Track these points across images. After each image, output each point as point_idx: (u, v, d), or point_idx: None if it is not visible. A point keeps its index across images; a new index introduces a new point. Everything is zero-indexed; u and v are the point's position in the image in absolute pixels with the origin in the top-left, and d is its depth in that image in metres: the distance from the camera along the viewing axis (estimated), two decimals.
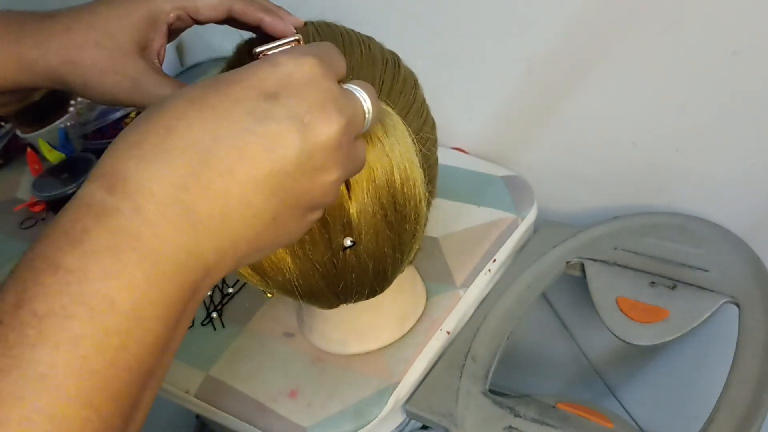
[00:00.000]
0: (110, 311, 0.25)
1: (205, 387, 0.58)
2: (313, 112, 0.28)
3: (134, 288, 0.25)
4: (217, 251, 0.28)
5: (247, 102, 0.27)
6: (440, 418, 0.54)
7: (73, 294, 0.24)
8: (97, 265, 0.25)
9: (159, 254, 0.26)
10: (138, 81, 0.41)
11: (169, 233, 0.26)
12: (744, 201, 0.64)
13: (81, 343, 0.24)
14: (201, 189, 0.26)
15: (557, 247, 0.67)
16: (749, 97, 0.58)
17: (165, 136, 0.27)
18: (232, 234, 0.28)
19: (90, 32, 0.41)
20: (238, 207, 0.27)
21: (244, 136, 0.27)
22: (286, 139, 0.28)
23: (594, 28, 0.62)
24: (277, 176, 0.28)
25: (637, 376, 0.82)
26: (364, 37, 0.48)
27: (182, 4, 0.43)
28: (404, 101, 0.46)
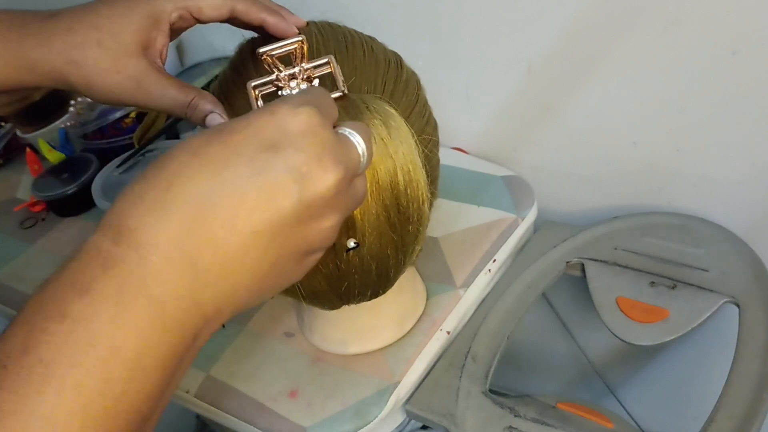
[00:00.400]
0: (114, 359, 0.25)
1: (205, 387, 0.58)
2: (311, 163, 0.29)
3: (138, 336, 0.26)
4: (218, 299, 0.29)
5: (246, 152, 0.28)
6: (440, 418, 0.54)
7: (79, 343, 0.25)
8: (104, 313, 0.26)
9: (163, 304, 0.27)
10: (141, 81, 0.41)
11: (173, 283, 0.27)
12: (744, 201, 0.64)
13: (84, 390, 0.25)
14: (202, 239, 0.27)
15: (557, 247, 0.67)
16: (749, 97, 0.58)
17: (167, 189, 0.27)
18: (232, 282, 0.29)
19: (92, 32, 0.41)
20: (238, 256, 0.28)
21: (243, 187, 0.28)
22: (284, 189, 0.28)
23: (594, 28, 0.62)
24: (275, 225, 0.28)
25: (637, 376, 0.82)
26: (366, 38, 0.48)
27: (185, 3, 0.43)
28: (407, 102, 0.46)
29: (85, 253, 0.27)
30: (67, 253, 0.28)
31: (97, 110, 0.86)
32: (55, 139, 0.88)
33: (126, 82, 0.41)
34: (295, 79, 0.39)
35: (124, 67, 0.41)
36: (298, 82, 0.39)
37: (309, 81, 0.39)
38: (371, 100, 0.39)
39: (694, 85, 0.60)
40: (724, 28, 0.56)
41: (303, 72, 0.39)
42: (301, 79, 0.39)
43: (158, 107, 0.42)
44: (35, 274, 0.74)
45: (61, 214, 0.82)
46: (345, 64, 0.44)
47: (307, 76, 0.39)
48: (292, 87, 0.39)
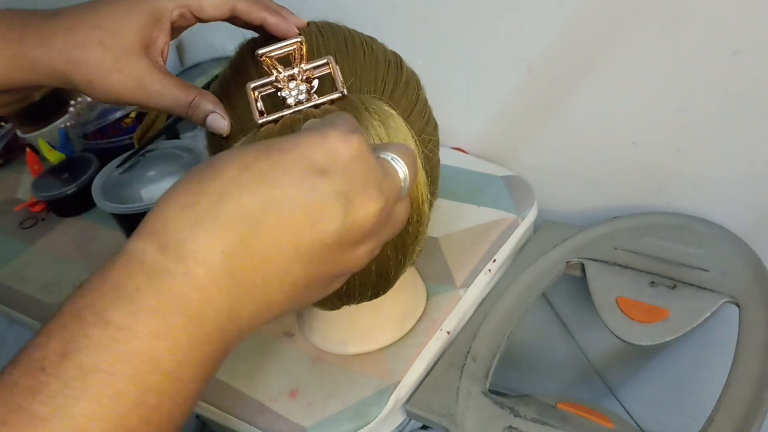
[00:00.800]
0: (153, 371, 0.26)
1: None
2: (357, 190, 0.29)
3: (178, 349, 0.26)
4: (253, 315, 0.29)
5: (296, 173, 0.28)
6: (440, 418, 0.54)
7: (120, 351, 0.25)
8: (146, 324, 0.26)
9: (204, 318, 0.27)
10: (142, 80, 0.42)
11: (215, 298, 0.27)
12: (744, 201, 0.64)
13: (122, 400, 0.25)
14: (247, 257, 0.28)
15: (557, 247, 0.67)
16: (749, 97, 0.58)
17: (218, 203, 0.27)
18: (268, 299, 0.29)
19: (93, 31, 0.41)
20: (278, 274, 0.29)
21: (291, 208, 0.28)
22: (330, 213, 0.29)
23: (594, 28, 0.62)
24: (316, 248, 0.29)
25: (637, 376, 0.82)
26: (366, 38, 0.48)
27: (186, 2, 0.43)
28: (407, 102, 0.46)
29: (129, 259, 0.27)
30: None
31: (97, 110, 0.86)
32: (55, 139, 0.88)
33: (127, 82, 0.41)
34: (294, 80, 0.39)
35: (126, 67, 0.41)
36: (297, 83, 0.39)
37: (308, 82, 0.39)
38: (371, 101, 0.39)
39: (694, 85, 0.60)
40: (724, 28, 0.56)
41: (302, 73, 0.39)
42: (300, 80, 0.39)
43: (160, 107, 0.42)
44: (35, 274, 0.74)
45: (61, 214, 0.82)
46: (345, 65, 0.44)
47: (306, 77, 0.39)
48: (291, 88, 0.39)
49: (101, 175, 0.75)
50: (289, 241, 0.28)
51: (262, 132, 0.38)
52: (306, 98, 0.39)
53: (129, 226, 0.73)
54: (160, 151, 0.77)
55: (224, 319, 0.28)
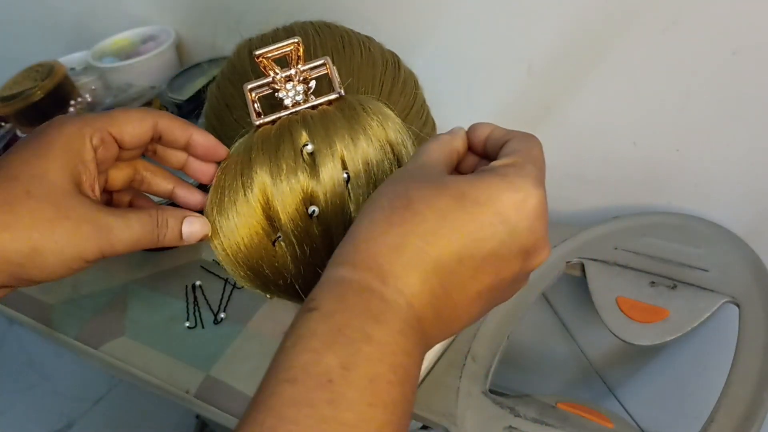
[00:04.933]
0: (408, 383, 0.29)
1: (205, 387, 0.58)
2: (537, 245, 0.32)
3: (417, 366, 0.30)
4: (437, 341, 0.33)
5: (489, 228, 0.31)
6: (440, 418, 0.54)
7: (390, 363, 0.28)
8: (399, 343, 0.29)
9: (422, 342, 0.31)
10: (96, 220, 0.35)
11: (426, 328, 0.31)
12: (744, 201, 0.64)
13: (397, 408, 0.28)
14: (445, 299, 0.31)
15: (557, 247, 0.67)
16: (749, 97, 0.58)
17: (423, 250, 0.30)
18: (452, 331, 0.33)
19: (13, 184, 0.34)
20: (463, 313, 0.32)
21: (481, 261, 0.31)
22: (511, 266, 0.32)
23: (594, 28, 0.62)
24: (494, 291, 0.32)
25: (637, 376, 0.82)
26: (363, 38, 0.48)
27: (102, 125, 0.37)
28: (404, 102, 0.46)
29: (360, 287, 0.30)
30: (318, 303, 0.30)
31: (97, 110, 0.86)
32: None
33: (82, 227, 0.34)
34: (291, 81, 0.39)
35: (72, 209, 0.34)
36: (294, 84, 0.39)
37: (305, 83, 0.39)
38: (368, 102, 0.39)
39: (694, 85, 0.60)
40: (724, 28, 0.56)
41: (299, 74, 0.39)
42: (297, 81, 0.39)
43: (127, 242, 0.35)
44: None
45: None
46: (342, 65, 0.44)
47: (303, 78, 0.39)
48: (288, 89, 0.39)
49: None
50: (475, 288, 0.32)
51: (259, 133, 0.38)
52: (303, 99, 0.39)
53: None
54: None
55: (426, 345, 0.32)
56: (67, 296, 0.70)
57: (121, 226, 0.35)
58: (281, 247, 0.38)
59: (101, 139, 0.37)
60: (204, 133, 0.39)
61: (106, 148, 0.37)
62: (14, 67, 0.92)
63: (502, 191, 0.31)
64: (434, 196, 0.31)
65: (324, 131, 0.37)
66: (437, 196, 0.31)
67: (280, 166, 0.36)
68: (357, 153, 0.36)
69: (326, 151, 0.36)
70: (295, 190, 0.36)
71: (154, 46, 0.97)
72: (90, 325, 0.66)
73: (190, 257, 0.71)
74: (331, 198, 0.36)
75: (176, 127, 0.39)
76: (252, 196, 0.37)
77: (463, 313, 0.32)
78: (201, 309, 0.66)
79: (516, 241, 0.31)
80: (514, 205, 0.31)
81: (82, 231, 0.34)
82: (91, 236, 0.34)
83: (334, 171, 0.36)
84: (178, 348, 0.62)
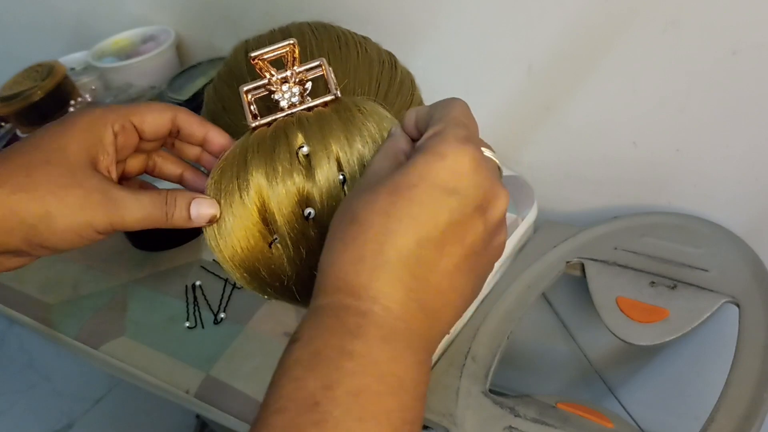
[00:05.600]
0: (402, 389, 0.29)
1: (205, 387, 0.58)
2: (488, 196, 0.32)
3: (410, 369, 0.29)
4: (442, 331, 0.33)
5: (433, 203, 0.31)
6: (440, 418, 0.54)
7: (376, 374, 0.28)
8: (382, 351, 0.29)
9: (414, 342, 0.30)
10: (108, 191, 0.36)
11: (415, 325, 0.30)
12: (744, 201, 0.64)
13: (391, 417, 0.28)
14: (423, 288, 0.31)
15: (557, 247, 0.67)
16: (749, 97, 0.58)
17: (380, 252, 0.30)
18: (451, 315, 0.33)
19: (34, 153, 0.36)
20: (450, 293, 0.32)
21: (440, 236, 0.31)
22: (473, 227, 0.32)
23: (594, 28, 0.62)
24: (470, 259, 0.32)
25: (637, 376, 0.82)
26: (360, 38, 0.48)
27: (126, 113, 0.39)
28: (401, 103, 0.46)
29: (333, 309, 0.30)
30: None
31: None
32: None
33: (92, 196, 0.35)
34: (287, 82, 0.39)
35: (85, 180, 0.35)
36: (290, 85, 0.39)
37: (301, 84, 0.39)
38: (364, 103, 0.39)
39: (694, 85, 0.60)
40: (724, 28, 0.56)
41: (295, 75, 0.39)
42: (293, 82, 0.39)
43: (135, 218, 0.37)
44: (35, 274, 0.74)
45: None
46: (338, 66, 0.44)
47: (299, 80, 0.39)
48: (284, 91, 0.39)
49: None
50: (447, 263, 0.31)
51: (255, 135, 0.38)
52: (299, 101, 0.39)
53: None
54: None
55: (427, 340, 0.31)
56: (67, 296, 0.70)
57: (131, 201, 0.36)
58: (278, 249, 0.38)
59: (122, 126, 0.38)
60: (220, 132, 0.41)
61: (126, 136, 0.39)
62: (14, 67, 0.92)
63: (431, 164, 0.31)
64: (372, 200, 0.31)
65: (320, 133, 0.37)
66: (375, 199, 0.31)
67: (276, 168, 0.36)
68: (353, 154, 0.36)
69: (322, 152, 0.36)
70: (291, 192, 0.36)
71: (154, 46, 0.97)
72: (90, 325, 0.66)
73: (190, 257, 0.71)
74: (327, 200, 0.36)
75: (194, 123, 0.41)
76: (248, 199, 0.37)
77: (450, 294, 0.32)
78: (201, 309, 0.66)
79: (465, 202, 0.31)
80: (448, 172, 0.31)
81: (93, 199, 0.35)
82: (101, 206, 0.36)
83: (330, 172, 0.36)
84: (178, 348, 0.62)
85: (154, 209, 0.37)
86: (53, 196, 0.35)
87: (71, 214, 0.35)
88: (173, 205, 0.38)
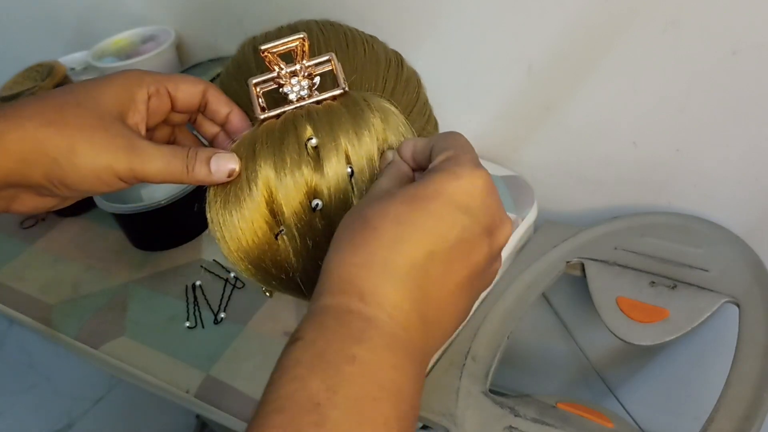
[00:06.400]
0: (400, 398, 0.29)
1: (205, 387, 0.58)
2: (496, 221, 0.33)
3: (409, 379, 0.30)
4: (438, 343, 0.33)
5: (447, 218, 0.31)
6: (440, 418, 0.54)
7: (377, 381, 0.28)
8: (385, 358, 0.29)
9: (414, 351, 0.31)
10: (131, 139, 0.37)
11: (415, 336, 0.31)
12: (744, 201, 0.64)
13: (389, 422, 0.28)
14: (426, 300, 0.31)
15: (557, 247, 0.67)
16: (749, 97, 0.58)
17: (389, 259, 0.31)
18: (445, 331, 0.33)
19: (67, 95, 0.38)
20: (449, 309, 0.33)
21: (449, 251, 0.31)
22: (480, 248, 0.32)
23: (594, 28, 0.62)
24: (472, 278, 0.33)
25: (637, 376, 0.82)
26: (367, 37, 0.48)
27: (162, 80, 0.41)
28: (407, 100, 0.46)
29: (337, 311, 0.30)
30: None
31: None
32: None
33: (117, 140, 0.37)
34: (296, 76, 0.39)
35: (112, 125, 0.37)
36: (299, 79, 0.39)
37: (310, 78, 0.39)
38: (372, 98, 0.39)
39: (694, 85, 0.60)
40: (724, 28, 0.56)
41: (304, 69, 0.39)
42: (302, 76, 0.39)
43: (157, 167, 0.38)
44: (35, 274, 0.74)
45: (61, 214, 0.82)
46: (346, 62, 0.44)
47: (308, 74, 0.39)
48: (293, 84, 0.39)
49: None
50: (452, 280, 0.32)
51: (263, 127, 0.39)
52: (308, 94, 0.39)
53: (129, 226, 0.73)
54: None
55: (423, 353, 0.32)
56: (67, 296, 0.70)
57: (153, 150, 0.37)
58: (284, 240, 0.38)
59: (157, 89, 0.40)
60: (243, 114, 0.42)
61: (159, 100, 0.41)
62: (14, 67, 0.92)
63: (448, 182, 0.32)
64: (387, 207, 0.32)
65: (329, 126, 0.37)
66: (389, 206, 0.32)
67: (285, 159, 0.36)
68: (361, 148, 0.37)
69: (330, 145, 0.36)
70: (299, 183, 0.36)
71: (154, 46, 0.97)
72: (90, 325, 0.66)
73: (190, 257, 0.71)
74: (334, 192, 0.37)
75: (222, 100, 0.42)
76: (256, 190, 0.37)
77: (450, 309, 0.32)
78: (201, 309, 0.66)
79: (476, 222, 0.32)
80: (462, 191, 0.32)
81: (117, 143, 0.37)
82: (124, 151, 0.37)
83: (338, 165, 0.36)
84: (178, 348, 0.62)
85: (176, 161, 0.38)
86: (80, 134, 0.36)
87: (94, 154, 0.36)
88: (194, 158, 0.38)
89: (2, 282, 0.74)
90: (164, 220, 0.70)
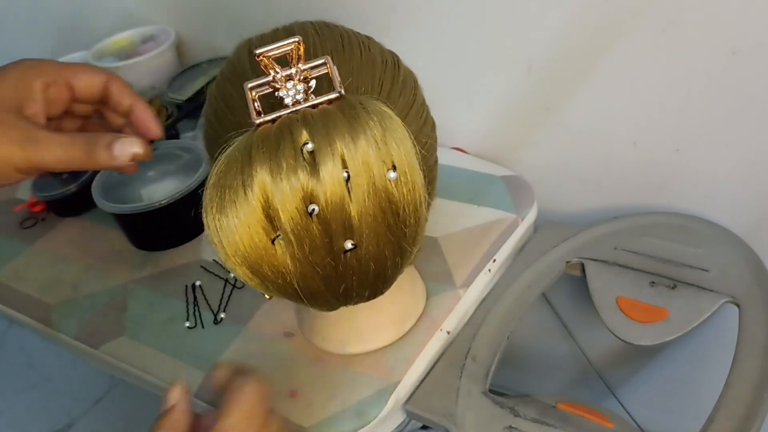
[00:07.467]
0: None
1: (205, 387, 0.58)
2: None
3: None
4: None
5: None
6: (440, 418, 0.54)
7: None
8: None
9: None
10: (28, 131, 0.37)
11: None
12: (744, 201, 0.64)
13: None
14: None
15: (557, 247, 0.67)
16: (749, 97, 0.58)
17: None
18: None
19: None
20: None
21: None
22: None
23: (594, 28, 0.62)
24: None
25: (637, 376, 0.82)
26: (363, 38, 0.48)
27: (60, 70, 0.41)
28: (404, 102, 0.46)
29: None
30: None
31: None
32: None
33: (11, 132, 0.37)
34: (291, 80, 0.39)
35: (7, 119, 0.37)
36: (294, 83, 0.39)
37: (306, 82, 0.39)
38: (368, 101, 0.39)
39: (694, 85, 0.60)
40: (724, 28, 0.56)
41: (299, 73, 0.39)
42: (297, 80, 0.39)
43: (57, 156, 0.38)
44: (35, 274, 0.74)
45: (61, 214, 0.82)
46: (342, 65, 0.44)
47: (303, 77, 0.39)
48: (288, 88, 0.39)
49: (101, 175, 0.75)
50: None
51: (259, 131, 0.38)
52: (304, 98, 0.39)
53: (129, 226, 0.73)
54: (159, 151, 0.77)
55: None
56: (67, 296, 0.70)
57: (51, 139, 0.37)
58: (280, 245, 0.38)
59: (54, 79, 0.40)
60: (145, 109, 0.42)
61: (58, 89, 0.41)
62: None
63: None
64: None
65: (324, 130, 0.37)
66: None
67: (280, 164, 0.36)
68: (357, 152, 0.36)
69: (326, 149, 0.36)
70: (295, 188, 0.36)
71: (154, 46, 0.97)
72: (90, 325, 0.66)
73: (190, 257, 0.71)
74: (331, 197, 0.36)
75: (125, 93, 0.42)
76: (252, 195, 0.37)
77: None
78: (201, 309, 0.66)
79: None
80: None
81: (12, 136, 0.37)
82: (19, 143, 0.37)
83: (334, 170, 0.36)
84: (178, 348, 0.62)
85: (74, 148, 0.38)
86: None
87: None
88: (93, 143, 0.38)
89: (2, 282, 0.74)
90: (164, 220, 0.70)
